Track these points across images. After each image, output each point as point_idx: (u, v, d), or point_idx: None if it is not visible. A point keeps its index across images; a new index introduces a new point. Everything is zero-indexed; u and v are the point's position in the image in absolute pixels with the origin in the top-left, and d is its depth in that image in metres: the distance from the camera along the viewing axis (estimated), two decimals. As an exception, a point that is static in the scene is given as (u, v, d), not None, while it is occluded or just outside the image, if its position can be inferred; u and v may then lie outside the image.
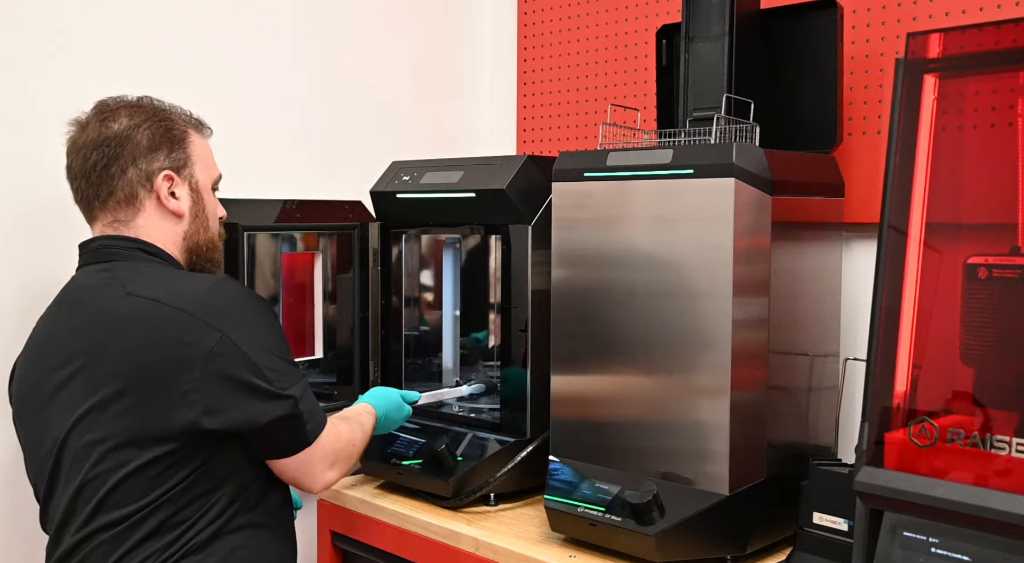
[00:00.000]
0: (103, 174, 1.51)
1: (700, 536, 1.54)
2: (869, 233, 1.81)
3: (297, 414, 1.45)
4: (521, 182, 1.85)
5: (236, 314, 1.44)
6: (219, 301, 1.44)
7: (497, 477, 1.83)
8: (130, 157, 1.52)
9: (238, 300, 1.47)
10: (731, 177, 1.49)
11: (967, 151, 1.33)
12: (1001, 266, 1.25)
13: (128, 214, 1.53)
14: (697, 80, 1.74)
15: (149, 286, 1.45)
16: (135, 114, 1.54)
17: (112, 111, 1.54)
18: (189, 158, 1.58)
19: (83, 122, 1.55)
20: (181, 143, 1.57)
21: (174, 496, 1.41)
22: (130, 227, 1.54)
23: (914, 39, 1.33)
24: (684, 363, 1.56)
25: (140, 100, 1.58)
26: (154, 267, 1.52)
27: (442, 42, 2.52)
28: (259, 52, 2.14)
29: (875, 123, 1.84)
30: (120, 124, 1.52)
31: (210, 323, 1.40)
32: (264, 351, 1.43)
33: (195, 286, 1.46)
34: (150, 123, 1.54)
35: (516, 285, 1.87)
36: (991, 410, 1.23)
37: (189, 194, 1.57)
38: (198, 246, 1.60)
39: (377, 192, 2.08)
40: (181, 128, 1.58)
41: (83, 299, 1.49)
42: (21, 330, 1.59)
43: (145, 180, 1.53)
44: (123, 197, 1.52)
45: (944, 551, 1.20)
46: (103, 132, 1.52)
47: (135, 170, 1.52)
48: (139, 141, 1.52)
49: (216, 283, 1.48)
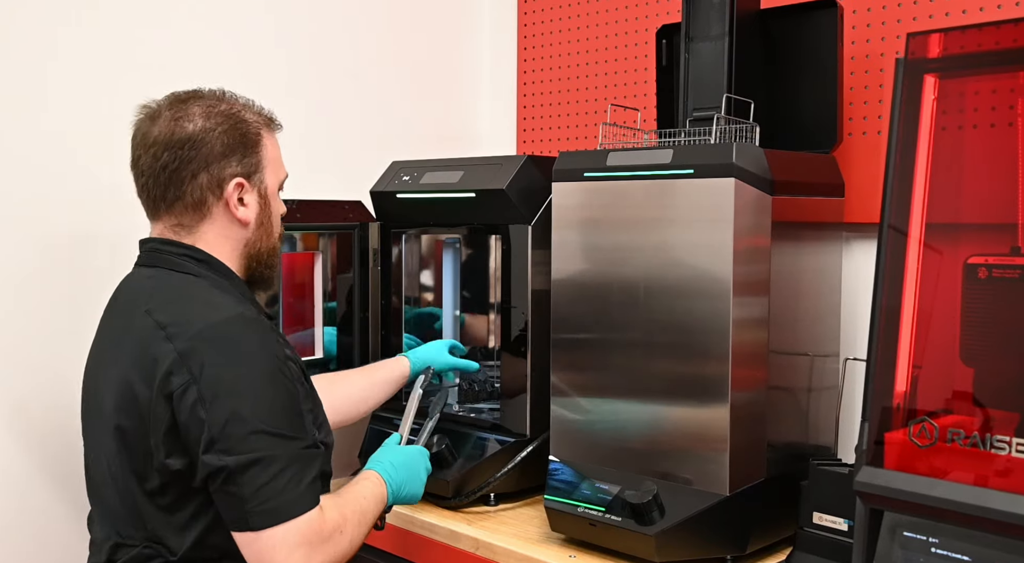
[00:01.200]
0: (173, 176, 1.43)
1: (700, 536, 1.54)
2: (869, 233, 1.81)
3: (233, 486, 1.30)
4: (521, 182, 1.85)
5: (220, 363, 1.33)
6: (211, 344, 1.34)
7: (497, 477, 1.83)
8: (203, 162, 1.44)
9: (231, 348, 1.35)
10: (731, 177, 1.49)
11: (967, 151, 1.33)
12: (1001, 266, 1.25)
13: (193, 219, 1.46)
14: (697, 80, 1.74)
15: (164, 308, 1.39)
16: (211, 115, 1.46)
17: (187, 108, 1.45)
18: (260, 163, 1.50)
19: (154, 112, 1.47)
20: (254, 147, 1.49)
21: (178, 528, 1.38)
22: (191, 233, 1.47)
23: (914, 39, 1.33)
24: (684, 363, 1.56)
25: (215, 94, 1.50)
26: (187, 284, 1.44)
27: (442, 42, 2.52)
28: (259, 52, 2.14)
29: (875, 123, 1.84)
30: (195, 125, 1.44)
31: (190, 367, 1.32)
32: (230, 413, 1.31)
33: (206, 318, 1.37)
34: (226, 126, 1.46)
35: (516, 285, 1.87)
36: (991, 410, 1.23)
37: (257, 201, 1.50)
38: (259, 254, 1.53)
39: (377, 192, 2.08)
40: (255, 130, 1.49)
41: (119, 305, 1.49)
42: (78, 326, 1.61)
43: (216, 187, 1.45)
44: (191, 202, 1.45)
45: (944, 551, 1.20)
46: (177, 132, 1.43)
47: (207, 176, 1.44)
48: (213, 146, 1.44)
49: (228, 321, 1.37)
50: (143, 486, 1.37)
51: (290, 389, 1.37)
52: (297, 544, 1.31)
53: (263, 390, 1.34)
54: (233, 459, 1.29)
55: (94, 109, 1.87)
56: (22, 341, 1.80)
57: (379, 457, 1.62)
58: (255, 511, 1.30)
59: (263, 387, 1.34)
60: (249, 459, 1.30)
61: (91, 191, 1.88)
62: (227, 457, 1.29)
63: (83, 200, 1.87)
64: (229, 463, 1.29)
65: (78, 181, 1.86)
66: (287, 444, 1.33)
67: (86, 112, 1.87)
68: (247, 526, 1.31)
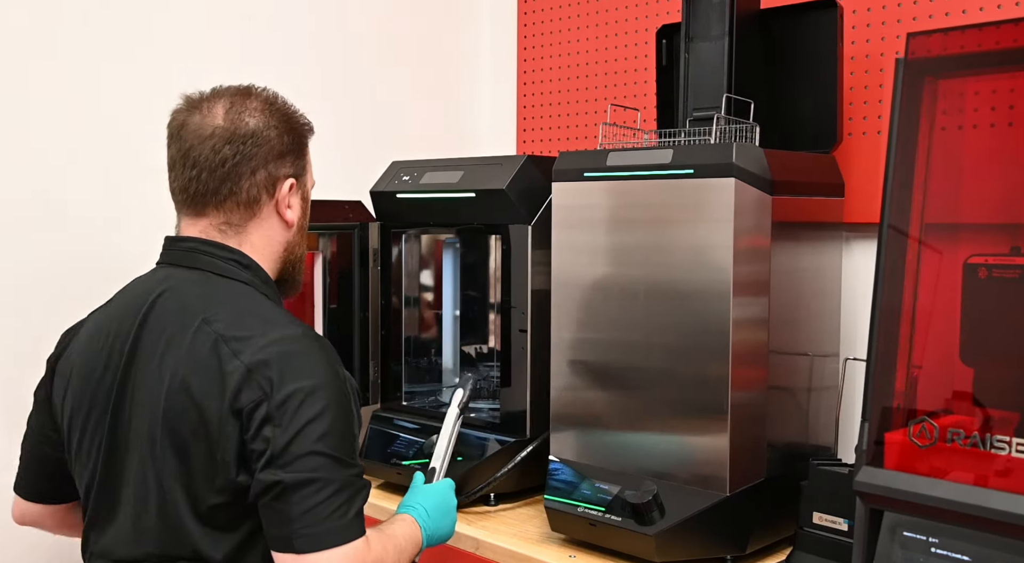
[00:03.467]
0: (232, 171, 1.37)
1: (700, 536, 1.54)
2: (869, 233, 1.81)
3: (283, 504, 1.25)
4: (521, 182, 1.85)
5: (290, 383, 1.28)
6: (285, 360, 1.29)
7: (497, 477, 1.83)
8: (263, 159, 1.39)
9: (307, 368, 1.30)
10: (731, 177, 1.49)
11: (967, 151, 1.33)
12: (1001, 266, 1.25)
13: (243, 218, 1.40)
14: (697, 80, 1.74)
15: (224, 319, 1.32)
16: (268, 112, 1.42)
17: (245, 103, 1.41)
18: (306, 166, 1.48)
19: (198, 103, 1.41)
20: (304, 149, 1.47)
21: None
22: (238, 232, 1.40)
23: (914, 39, 1.33)
24: (684, 363, 1.56)
25: (270, 93, 1.46)
26: (242, 295, 1.38)
27: (442, 42, 2.52)
28: (259, 52, 2.14)
29: (875, 123, 1.84)
30: (256, 120, 1.40)
31: (260, 384, 1.27)
32: (299, 432, 1.26)
33: (272, 332, 1.31)
34: (284, 125, 1.43)
35: (516, 285, 1.87)
36: (991, 410, 1.23)
37: (300, 204, 1.47)
38: (294, 258, 1.48)
39: (377, 192, 2.08)
40: (304, 133, 1.48)
41: (167, 309, 1.37)
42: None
43: (271, 185, 1.41)
44: (244, 199, 1.39)
45: (944, 551, 1.20)
46: (239, 125, 1.38)
47: (265, 173, 1.40)
48: (274, 143, 1.40)
49: (296, 338, 1.32)
50: (194, 504, 1.31)
51: (350, 412, 1.33)
52: None
53: (329, 411, 1.29)
54: (290, 476, 1.25)
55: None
56: (22, 340, 1.79)
57: (411, 502, 1.57)
58: (301, 533, 1.25)
59: (330, 408, 1.29)
60: (305, 478, 1.25)
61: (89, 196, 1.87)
62: (283, 473, 1.25)
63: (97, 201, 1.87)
64: (284, 479, 1.25)
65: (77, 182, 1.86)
66: (342, 470, 1.29)
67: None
68: (291, 548, 1.26)
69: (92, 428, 1.38)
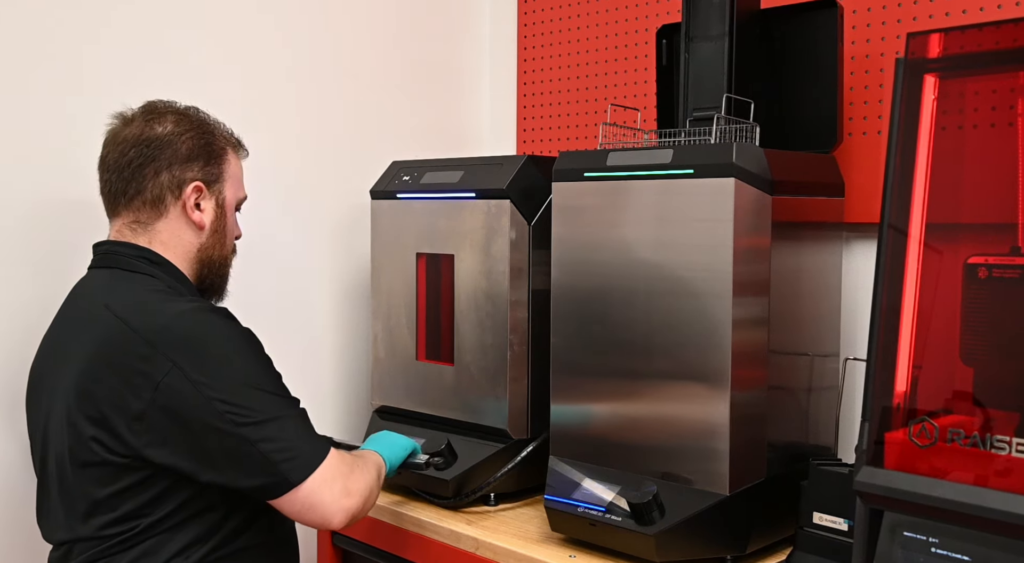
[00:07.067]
0: (136, 172, 1.52)
1: (700, 536, 1.54)
2: (869, 233, 1.82)
3: (254, 449, 1.38)
4: (521, 182, 1.85)
5: (200, 345, 1.41)
6: (184, 330, 1.41)
7: (497, 477, 1.83)
8: (166, 162, 1.53)
9: (206, 330, 1.43)
10: (731, 177, 1.49)
11: (967, 151, 1.33)
12: (1001, 266, 1.25)
13: (150, 217, 1.54)
14: (697, 80, 1.74)
15: (123, 303, 1.45)
16: (181, 122, 1.56)
17: (160, 114, 1.56)
18: (222, 174, 1.59)
19: (128, 117, 1.56)
20: (218, 159, 1.59)
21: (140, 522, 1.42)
22: (148, 231, 1.54)
23: (914, 39, 1.33)
24: (684, 363, 1.56)
25: (188, 109, 1.60)
26: (143, 283, 1.50)
27: (442, 42, 2.52)
28: (259, 52, 2.14)
29: (875, 123, 1.84)
30: (165, 128, 1.54)
31: (166, 353, 1.38)
32: (229, 383, 1.39)
33: (168, 309, 1.44)
34: (194, 133, 1.56)
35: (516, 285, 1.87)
36: (991, 410, 1.23)
37: (214, 209, 1.58)
38: (211, 261, 1.60)
39: (377, 192, 2.08)
40: (221, 144, 1.60)
41: (76, 303, 1.54)
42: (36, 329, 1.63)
43: (175, 187, 1.54)
44: (150, 199, 1.53)
45: (944, 551, 1.20)
46: (147, 132, 1.53)
47: (168, 175, 1.53)
48: (179, 148, 1.53)
49: (190, 311, 1.45)
50: (96, 477, 1.41)
51: (266, 355, 1.47)
52: (333, 478, 1.42)
53: (248, 357, 1.43)
54: (250, 427, 1.37)
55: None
56: (21, 340, 1.79)
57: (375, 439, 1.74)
58: (288, 467, 1.39)
59: (247, 355, 1.43)
60: (264, 418, 1.39)
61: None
62: (242, 426, 1.37)
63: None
64: (245, 432, 1.37)
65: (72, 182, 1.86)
66: (287, 402, 1.44)
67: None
68: (287, 484, 1.39)
69: (36, 439, 1.56)
